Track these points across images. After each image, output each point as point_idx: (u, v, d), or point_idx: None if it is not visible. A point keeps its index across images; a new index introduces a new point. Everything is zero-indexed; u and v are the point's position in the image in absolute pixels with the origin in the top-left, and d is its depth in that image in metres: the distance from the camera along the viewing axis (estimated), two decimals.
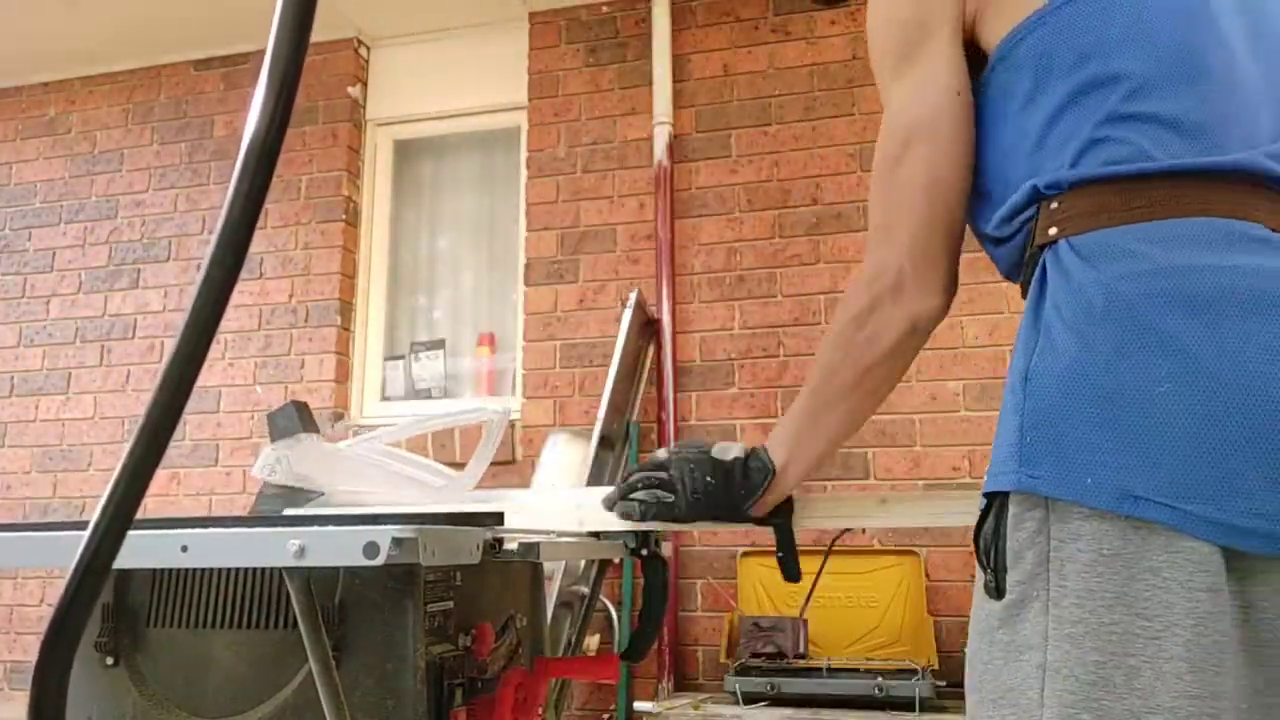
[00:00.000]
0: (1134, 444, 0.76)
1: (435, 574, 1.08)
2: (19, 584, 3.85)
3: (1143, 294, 0.79)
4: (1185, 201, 0.82)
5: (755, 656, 2.69)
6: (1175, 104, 0.84)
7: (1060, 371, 0.80)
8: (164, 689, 1.08)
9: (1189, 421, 0.75)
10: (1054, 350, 0.81)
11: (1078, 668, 0.77)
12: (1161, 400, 0.76)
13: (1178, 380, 0.76)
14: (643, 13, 3.63)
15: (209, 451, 3.75)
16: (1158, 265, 0.80)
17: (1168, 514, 0.75)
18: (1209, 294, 0.77)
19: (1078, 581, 0.77)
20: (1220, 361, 0.75)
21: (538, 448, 3.32)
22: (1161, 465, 0.75)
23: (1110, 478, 0.76)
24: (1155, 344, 0.77)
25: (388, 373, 3.88)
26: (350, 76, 3.92)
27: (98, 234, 4.07)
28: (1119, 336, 0.78)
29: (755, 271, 3.36)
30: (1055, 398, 0.80)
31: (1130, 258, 0.81)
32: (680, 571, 3.21)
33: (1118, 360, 0.78)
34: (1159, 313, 0.78)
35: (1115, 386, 0.77)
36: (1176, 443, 0.75)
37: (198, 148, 4.04)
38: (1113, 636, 0.76)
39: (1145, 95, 0.84)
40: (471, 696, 1.11)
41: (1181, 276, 0.78)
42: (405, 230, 4.01)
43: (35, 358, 4.03)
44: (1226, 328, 0.76)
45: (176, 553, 0.88)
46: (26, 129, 4.28)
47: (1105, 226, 0.83)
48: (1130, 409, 0.77)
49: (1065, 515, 0.78)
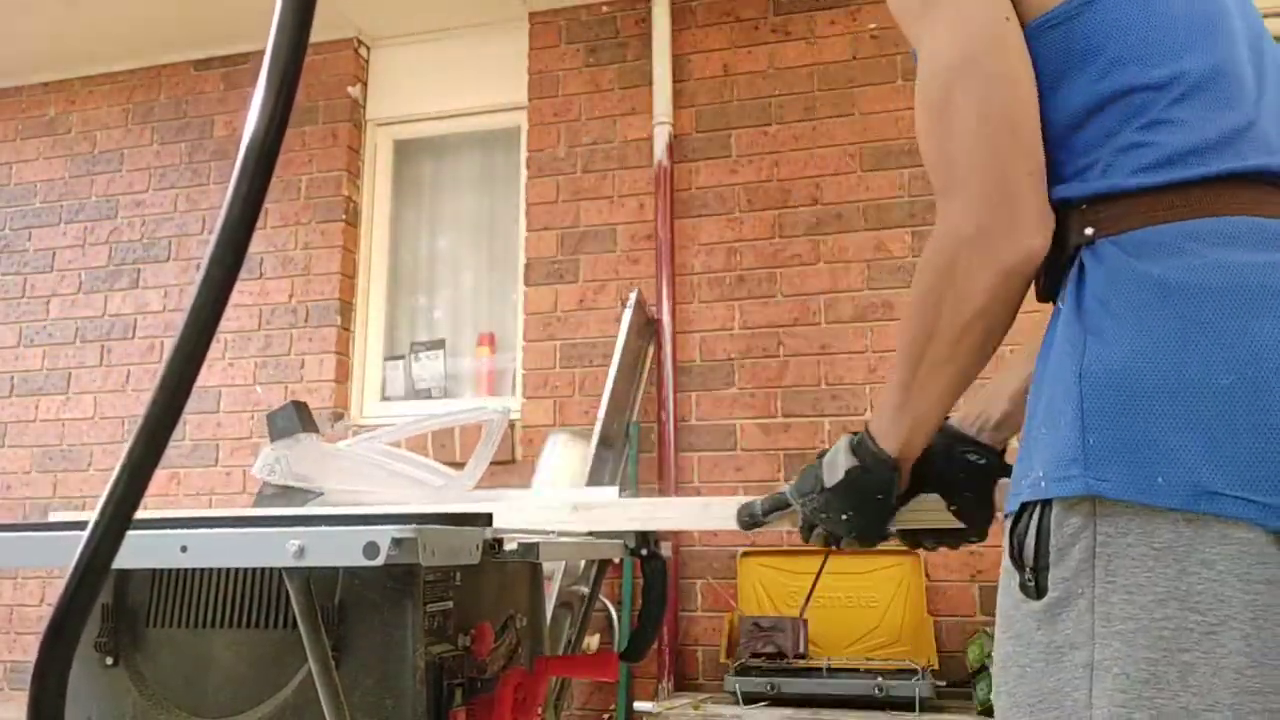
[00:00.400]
0: (1205, 438, 0.75)
1: (435, 574, 1.08)
2: (19, 584, 3.85)
3: (1199, 286, 0.78)
4: (1224, 202, 0.83)
5: (755, 656, 2.69)
6: (1206, 112, 0.85)
7: (1120, 368, 0.79)
8: (164, 689, 1.08)
9: (1253, 414, 0.74)
10: (1107, 346, 0.80)
11: (1129, 665, 0.75)
12: (1226, 393, 0.75)
13: (1239, 373, 0.75)
14: (643, 13, 3.63)
15: (209, 451, 3.75)
16: (1208, 260, 0.79)
17: (1244, 507, 0.73)
18: (1259, 289, 0.78)
19: (1127, 577, 0.76)
20: (1277, 353, 0.75)
21: (538, 448, 3.32)
22: (1233, 459, 0.74)
23: (1183, 475, 0.75)
24: (1215, 336, 0.76)
25: (388, 373, 3.88)
26: (350, 76, 3.92)
27: (98, 234, 4.07)
28: (1180, 328, 0.78)
29: (755, 271, 3.36)
30: (1119, 395, 0.78)
31: (1180, 253, 0.81)
32: (680, 571, 3.21)
33: (1181, 351, 0.77)
34: (1216, 305, 0.77)
35: (1179, 380, 0.76)
36: (1243, 435, 0.74)
37: (198, 148, 4.04)
38: (1165, 632, 0.75)
39: (1180, 103, 0.85)
40: (471, 696, 1.11)
41: (1233, 272, 0.79)
42: (405, 230, 4.01)
43: (35, 358, 4.03)
44: (1271, 319, 0.76)
45: (176, 553, 0.88)
46: (26, 129, 4.28)
47: (1149, 225, 0.83)
48: (1197, 402, 0.76)
49: (1113, 510, 0.77)
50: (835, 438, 3.19)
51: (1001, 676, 0.84)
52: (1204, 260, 0.80)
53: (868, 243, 3.28)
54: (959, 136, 0.86)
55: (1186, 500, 0.75)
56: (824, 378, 3.23)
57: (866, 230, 3.29)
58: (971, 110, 0.85)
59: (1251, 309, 0.77)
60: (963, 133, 0.85)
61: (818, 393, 3.22)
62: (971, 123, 0.85)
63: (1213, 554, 0.74)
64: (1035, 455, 0.84)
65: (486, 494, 1.56)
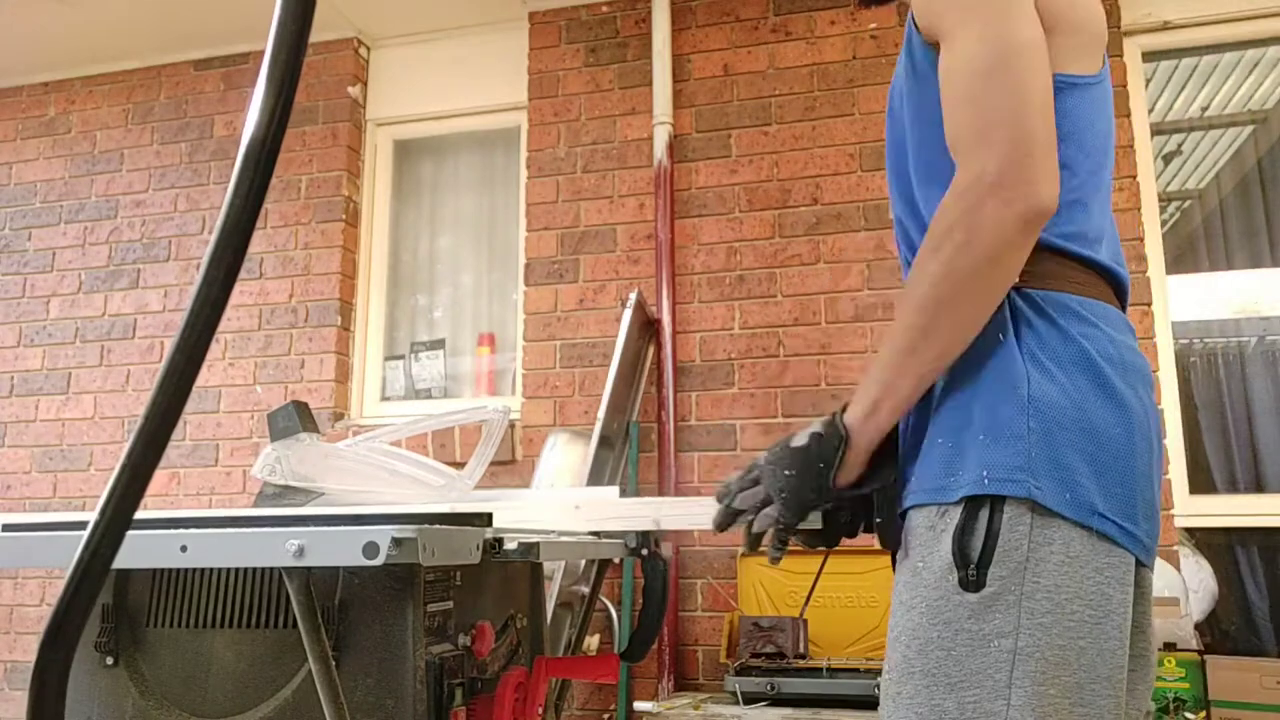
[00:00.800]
0: (1096, 471, 0.95)
1: (435, 574, 1.08)
2: (19, 584, 3.85)
3: (1100, 354, 0.99)
4: (1101, 288, 1.05)
5: (755, 656, 2.69)
6: (1093, 208, 1.05)
7: (1053, 403, 0.96)
8: (163, 689, 1.08)
9: (1127, 460, 0.97)
10: (1045, 384, 0.97)
11: (1047, 651, 0.93)
12: (1115, 440, 0.97)
13: (1123, 427, 0.97)
14: (643, 13, 3.63)
15: (209, 451, 3.75)
16: (1103, 333, 1.00)
17: (1114, 528, 0.95)
18: (1128, 364, 1.01)
19: (1048, 579, 0.94)
20: (1142, 417, 0.99)
21: (538, 448, 3.32)
22: (1113, 491, 0.95)
23: (1083, 496, 0.95)
24: (1110, 396, 0.98)
25: (388, 373, 3.88)
26: (350, 76, 3.92)
27: (98, 234, 4.07)
28: (1092, 385, 0.98)
29: (755, 271, 3.36)
30: (1052, 424, 0.96)
31: (1085, 323, 1.00)
32: (680, 571, 3.21)
33: (1090, 403, 0.97)
34: (1110, 372, 0.98)
35: (1090, 424, 0.96)
36: (1121, 474, 0.96)
37: (198, 148, 4.04)
38: (1071, 623, 0.93)
39: (1088, 193, 1.05)
40: (471, 696, 1.11)
41: (1116, 347, 1.00)
42: (405, 230, 4.01)
43: (35, 358, 4.03)
44: (1140, 392, 1.00)
45: (176, 553, 0.88)
46: (26, 129, 4.28)
47: (1059, 290, 1.01)
48: (1098, 443, 0.96)
49: (1047, 522, 0.94)
50: None
51: (917, 657, 0.97)
52: (1103, 334, 1.00)
53: (868, 243, 3.28)
54: (1007, 95, 0.95)
55: (1086, 516, 0.94)
56: (824, 378, 3.23)
57: (866, 230, 3.29)
58: (1031, 78, 0.96)
59: (1133, 380, 1.00)
60: (1016, 93, 0.95)
61: (818, 393, 3.22)
62: (1032, 85, 0.95)
63: (1102, 563, 0.95)
64: (968, 455, 0.98)
65: (487, 494, 1.56)
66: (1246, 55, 3.37)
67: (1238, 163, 3.66)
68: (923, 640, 0.96)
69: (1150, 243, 3.15)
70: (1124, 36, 3.24)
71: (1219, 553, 3.12)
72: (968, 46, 0.98)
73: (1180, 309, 3.27)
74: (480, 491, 1.50)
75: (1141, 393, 1.00)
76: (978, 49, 0.97)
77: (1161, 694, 2.30)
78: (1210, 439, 3.22)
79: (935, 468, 1.00)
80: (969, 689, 0.93)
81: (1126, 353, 1.01)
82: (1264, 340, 3.32)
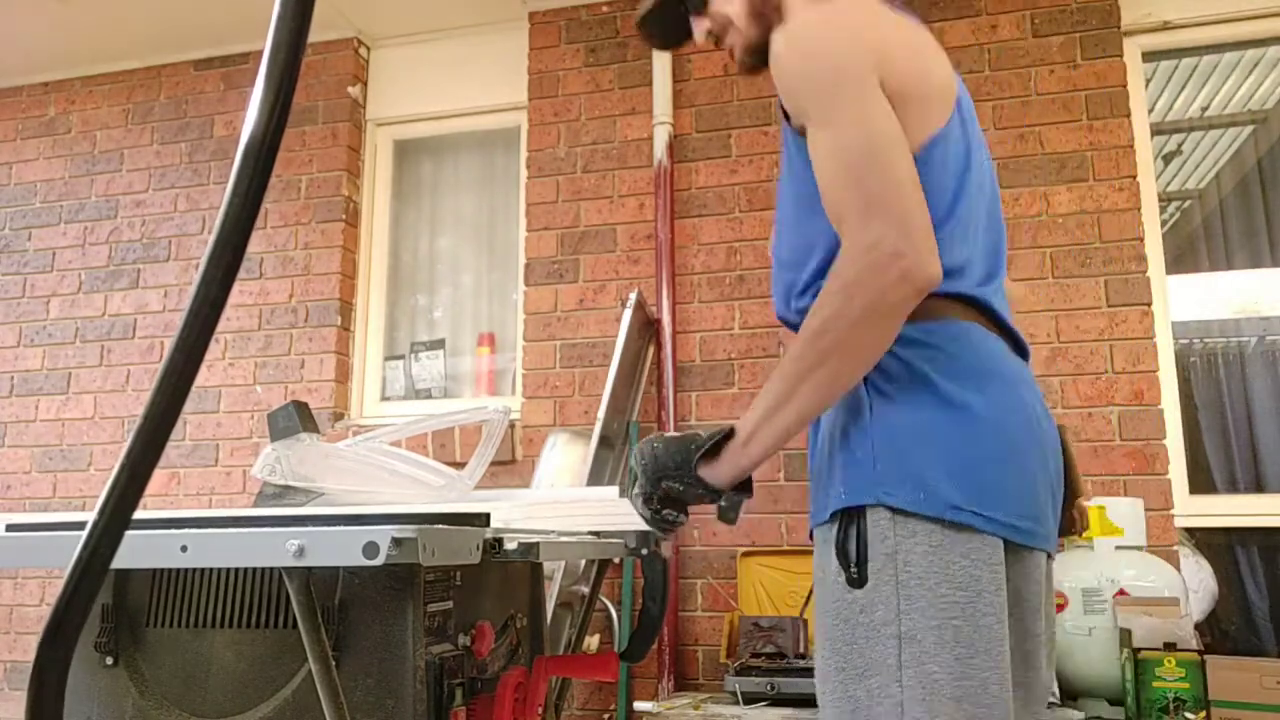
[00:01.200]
0: (951, 471, 1.07)
1: (435, 574, 1.08)
2: (19, 584, 3.85)
3: (939, 371, 1.11)
4: (950, 310, 1.15)
5: (755, 656, 2.68)
6: (951, 244, 1.15)
7: (895, 421, 1.10)
8: (163, 689, 1.08)
9: (982, 457, 1.09)
10: (886, 407, 1.11)
11: (924, 633, 1.04)
12: (963, 442, 1.09)
13: (969, 429, 1.09)
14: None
15: (209, 451, 3.75)
16: (944, 352, 1.12)
17: (972, 517, 1.06)
18: (982, 372, 1.13)
19: (918, 568, 1.06)
20: (998, 416, 1.11)
21: (538, 448, 3.31)
22: (969, 485, 1.07)
23: (938, 493, 1.07)
24: (951, 406, 1.10)
25: (388, 373, 3.87)
26: (350, 76, 3.92)
27: (98, 234, 4.07)
28: (931, 400, 1.11)
29: (755, 271, 3.36)
30: (897, 439, 1.09)
31: (925, 346, 1.12)
32: (680, 571, 3.21)
33: (931, 415, 1.10)
34: (950, 386, 1.11)
35: (931, 433, 1.09)
36: (976, 470, 1.08)
37: (198, 148, 4.04)
38: (944, 605, 1.05)
39: (942, 233, 1.13)
40: (471, 696, 1.11)
41: (962, 361, 1.13)
42: (405, 230, 4.01)
43: (35, 358, 4.03)
44: (996, 395, 1.12)
45: (176, 553, 0.88)
46: (26, 129, 4.28)
47: (919, 321, 1.12)
48: (945, 448, 1.08)
49: (905, 520, 1.07)
50: None
51: (831, 655, 1.09)
52: (943, 354, 1.13)
53: None
54: (891, 178, 1.06)
55: (941, 510, 1.06)
56: None
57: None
58: (906, 166, 1.07)
59: (987, 385, 1.13)
60: (897, 178, 1.06)
61: None
62: (905, 174, 1.06)
63: (966, 548, 1.06)
64: (835, 478, 1.13)
65: (487, 494, 1.56)
66: (1246, 55, 3.37)
67: (1238, 163, 3.66)
68: (832, 639, 1.09)
69: (1150, 243, 3.15)
70: (1124, 36, 3.24)
71: (1219, 553, 3.12)
72: (839, 136, 1.09)
73: (1180, 309, 3.26)
74: (480, 491, 1.50)
75: (999, 395, 1.12)
76: (848, 139, 1.08)
77: (1162, 694, 2.31)
78: (1210, 439, 3.22)
79: (818, 494, 1.17)
80: (872, 676, 1.05)
81: (986, 361, 1.14)
82: (1264, 340, 3.32)
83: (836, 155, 1.09)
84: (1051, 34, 3.26)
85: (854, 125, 1.08)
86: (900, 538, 1.07)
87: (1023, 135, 3.22)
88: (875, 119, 1.08)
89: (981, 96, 3.27)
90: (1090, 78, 3.20)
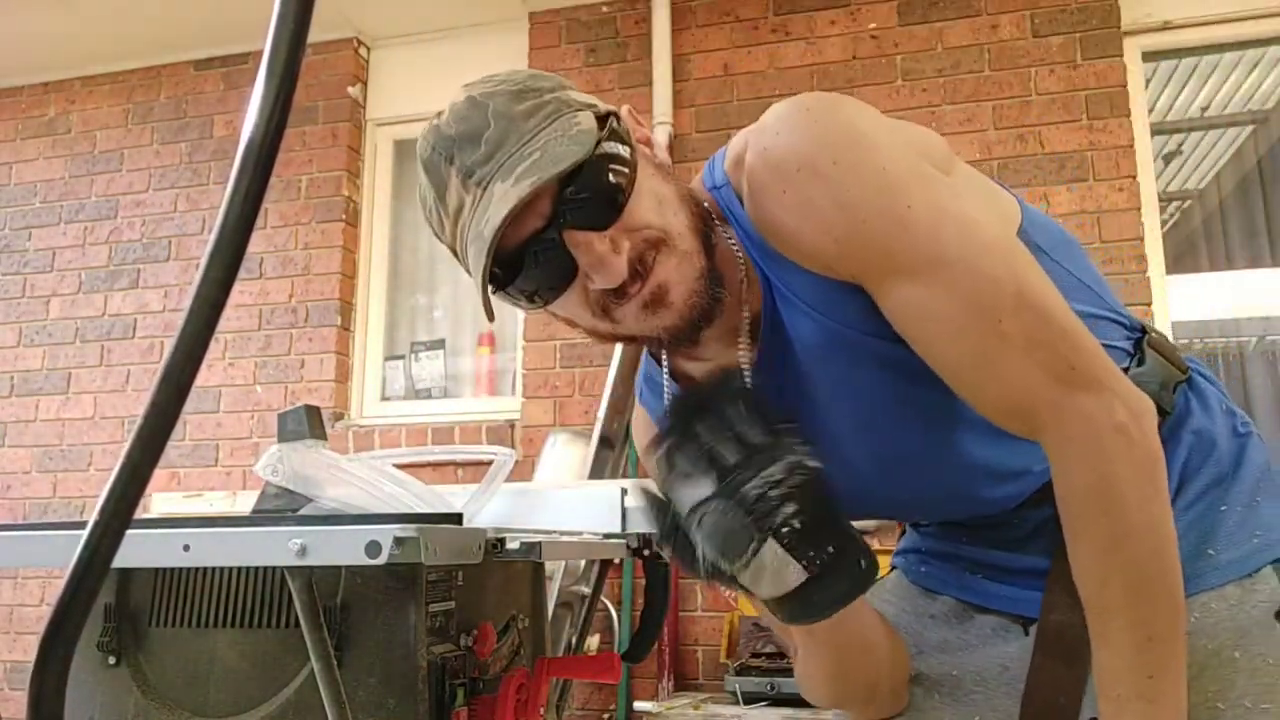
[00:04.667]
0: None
1: (437, 573, 1.08)
2: (19, 584, 3.85)
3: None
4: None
5: (755, 656, 2.69)
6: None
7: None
8: (166, 688, 1.08)
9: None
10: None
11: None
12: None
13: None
14: (643, 13, 3.63)
15: (209, 451, 3.75)
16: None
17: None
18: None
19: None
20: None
21: (538, 448, 3.31)
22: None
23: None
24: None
25: (388, 373, 3.87)
26: (350, 76, 3.92)
27: (98, 234, 4.07)
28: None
29: None
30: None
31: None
32: (680, 571, 3.21)
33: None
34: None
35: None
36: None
37: (198, 148, 4.04)
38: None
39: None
40: (473, 696, 1.11)
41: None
42: (405, 230, 4.01)
43: (35, 358, 4.03)
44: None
45: (178, 552, 0.88)
46: (26, 129, 4.28)
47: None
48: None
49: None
50: None
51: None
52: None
53: None
54: (1040, 330, 0.79)
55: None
56: None
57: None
58: (1037, 295, 0.80)
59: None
60: (1040, 326, 0.79)
61: None
62: (1044, 312, 0.80)
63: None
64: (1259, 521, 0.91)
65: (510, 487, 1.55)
66: (1246, 55, 3.37)
67: (1238, 163, 3.66)
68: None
69: (1150, 243, 3.15)
70: (1124, 36, 3.24)
71: None
72: (973, 255, 0.80)
73: (1180, 309, 3.27)
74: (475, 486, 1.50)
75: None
76: (980, 263, 0.79)
77: None
78: None
79: (1240, 537, 0.93)
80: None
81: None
82: (1264, 340, 3.32)
83: (957, 315, 0.86)
84: (1051, 34, 3.26)
85: (981, 234, 0.89)
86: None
87: (1023, 135, 3.22)
88: (982, 226, 0.92)
89: (981, 96, 3.27)
90: (1090, 78, 3.20)
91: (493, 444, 3.42)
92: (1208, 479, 0.93)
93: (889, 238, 0.78)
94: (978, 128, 3.25)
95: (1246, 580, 0.89)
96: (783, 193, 0.81)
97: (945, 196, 0.80)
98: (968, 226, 0.80)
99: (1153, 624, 0.78)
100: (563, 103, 0.86)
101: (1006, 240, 0.82)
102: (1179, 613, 0.79)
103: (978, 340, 0.78)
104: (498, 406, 3.68)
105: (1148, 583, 0.78)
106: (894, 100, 3.34)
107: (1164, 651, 0.78)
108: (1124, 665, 0.79)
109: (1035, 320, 0.78)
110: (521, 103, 0.87)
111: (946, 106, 3.29)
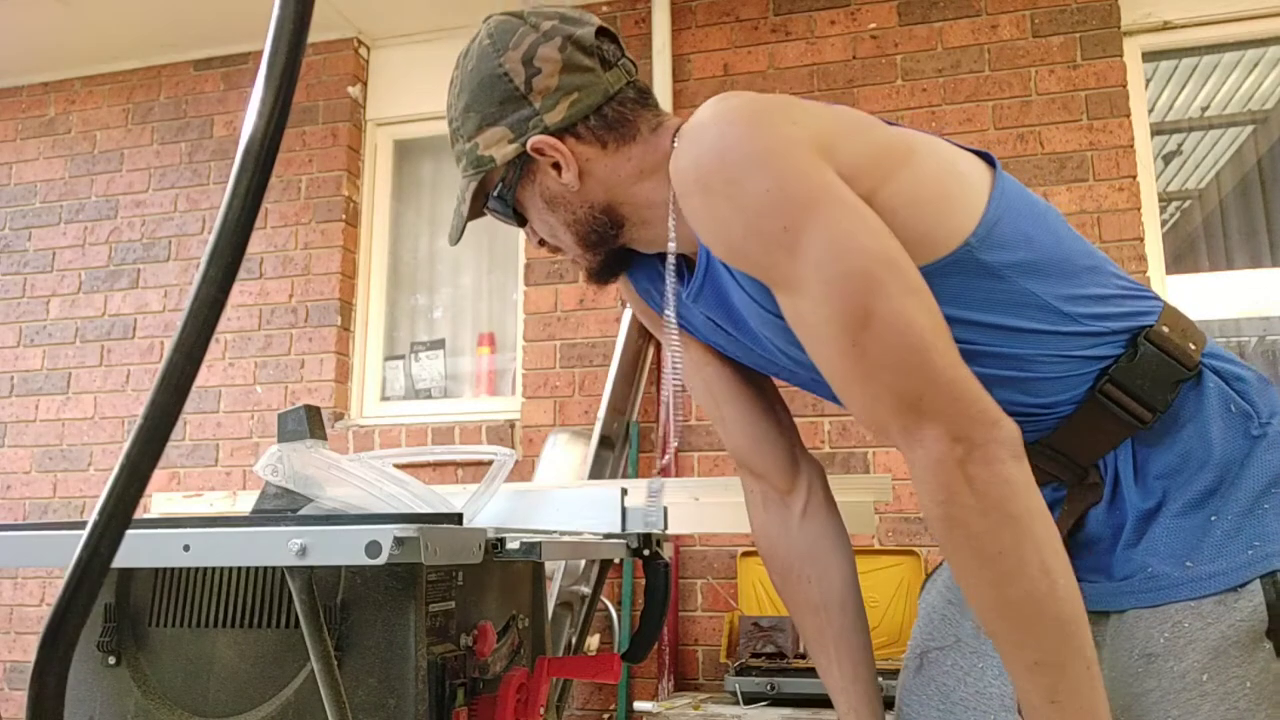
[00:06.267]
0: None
1: (437, 573, 1.08)
2: (19, 584, 3.85)
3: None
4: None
5: (755, 656, 2.69)
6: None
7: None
8: (166, 688, 1.08)
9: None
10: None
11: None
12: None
13: None
14: (643, 13, 3.63)
15: (209, 451, 3.75)
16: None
17: None
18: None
19: None
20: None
21: (538, 448, 3.31)
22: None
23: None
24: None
25: (388, 373, 3.87)
26: (350, 76, 3.92)
27: (98, 234, 4.07)
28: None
29: None
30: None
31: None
32: (680, 571, 3.21)
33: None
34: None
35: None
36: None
37: (198, 148, 4.04)
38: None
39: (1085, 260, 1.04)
40: (473, 696, 1.11)
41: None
42: (405, 230, 4.01)
43: (35, 358, 4.03)
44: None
45: (178, 552, 0.88)
46: (26, 129, 4.28)
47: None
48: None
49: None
50: (835, 437, 3.19)
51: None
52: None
53: None
54: (898, 355, 0.82)
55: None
56: None
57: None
58: (911, 307, 0.82)
59: None
60: (900, 350, 0.82)
61: None
62: (921, 320, 0.82)
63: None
64: (1248, 534, 0.88)
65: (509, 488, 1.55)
66: (1246, 55, 3.37)
67: (1238, 163, 3.66)
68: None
69: (1150, 243, 3.15)
70: (1124, 36, 3.24)
71: None
72: (824, 278, 0.83)
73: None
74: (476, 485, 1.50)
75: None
76: (834, 280, 0.83)
77: None
78: None
79: (1214, 553, 0.91)
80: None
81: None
82: (1264, 340, 3.32)
83: (830, 329, 0.92)
84: (1051, 34, 3.26)
85: (836, 258, 0.89)
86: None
87: (1023, 135, 3.22)
88: (864, 238, 0.92)
89: (981, 96, 3.27)
90: (1090, 78, 3.20)
91: (493, 444, 3.42)
92: (1199, 486, 0.91)
93: (765, 254, 0.86)
94: (978, 128, 3.25)
95: (1229, 595, 0.86)
96: (687, 197, 0.91)
97: (829, 217, 0.83)
98: (841, 249, 0.83)
99: (1036, 649, 0.79)
100: (469, 161, 1.08)
101: (881, 264, 0.83)
102: (1069, 638, 0.78)
103: (837, 356, 0.84)
104: (498, 406, 3.68)
105: (1014, 608, 0.79)
106: (894, 100, 3.34)
107: (1058, 677, 0.78)
108: (1024, 687, 0.81)
109: (890, 346, 0.81)
110: (457, 123, 1.10)
111: (946, 106, 3.29)
